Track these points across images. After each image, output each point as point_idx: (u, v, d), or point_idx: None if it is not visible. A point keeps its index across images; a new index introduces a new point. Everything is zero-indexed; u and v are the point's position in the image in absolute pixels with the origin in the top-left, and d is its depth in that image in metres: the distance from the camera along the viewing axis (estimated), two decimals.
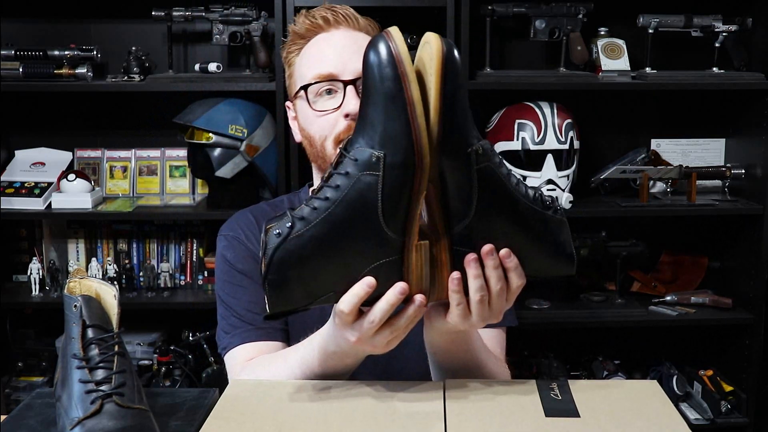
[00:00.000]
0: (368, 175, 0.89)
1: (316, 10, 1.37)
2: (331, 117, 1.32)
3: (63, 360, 0.96)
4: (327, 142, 1.33)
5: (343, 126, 1.31)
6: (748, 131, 2.56)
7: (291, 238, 0.90)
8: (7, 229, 2.62)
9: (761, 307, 2.47)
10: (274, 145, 2.42)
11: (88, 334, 0.94)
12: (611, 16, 2.57)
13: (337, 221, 0.90)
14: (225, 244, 1.42)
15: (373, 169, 0.88)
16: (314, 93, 1.33)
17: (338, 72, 1.31)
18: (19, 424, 1.00)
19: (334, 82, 1.31)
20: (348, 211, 0.89)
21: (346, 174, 0.89)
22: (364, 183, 0.89)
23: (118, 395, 0.90)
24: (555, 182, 2.34)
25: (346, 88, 1.30)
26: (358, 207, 0.89)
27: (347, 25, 1.36)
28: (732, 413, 2.50)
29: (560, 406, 0.99)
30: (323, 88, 1.32)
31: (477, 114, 2.47)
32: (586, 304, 2.55)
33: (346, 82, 1.30)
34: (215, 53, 2.62)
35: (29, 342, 2.64)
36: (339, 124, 1.31)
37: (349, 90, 1.30)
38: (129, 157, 2.66)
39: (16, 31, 2.58)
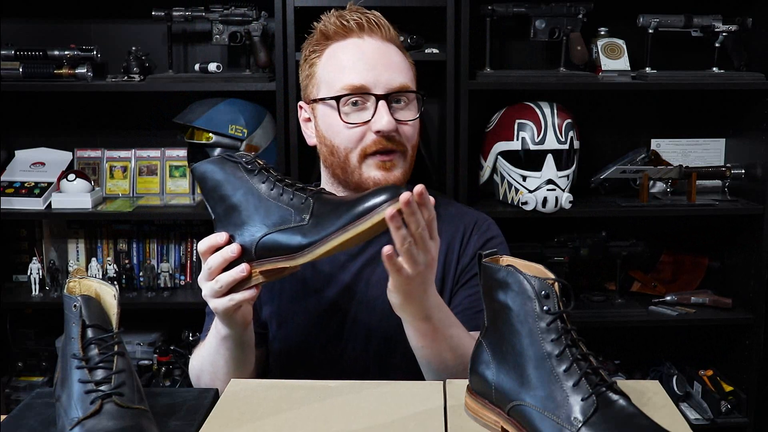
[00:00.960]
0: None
1: (348, 13, 1.34)
2: (359, 130, 1.31)
3: (63, 360, 0.96)
4: (352, 154, 1.32)
5: (370, 140, 1.30)
6: (748, 131, 2.56)
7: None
8: (7, 229, 2.62)
9: (761, 307, 2.47)
10: (274, 145, 2.42)
11: (88, 334, 0.94)
12: (611, 16, 2.57)
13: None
14: None
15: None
16: (342, 103, 1.31)
17: (370, 85, 1.29)
18: (19, 424, 1.00)
19: (365, 95, 1.30)
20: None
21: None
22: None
23: (118, 395, 0.90)
24: (555, 182, 2.34)
25: (378, 103, 1.29)
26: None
27: (379, 35, 1.33)
28: (732, 413, 2.50)
29: None
30: (351, 99, 1.31)
31: (477, 114, 2.47)
32: (586, 304, 2.55)
33: (378, 96, 1.29)
34: (215, 53, 2.62)
35: (29, 342, 2.63)
36: (367, 137, 1.31)
37: (381, 105, 1.29)
38: (129, 157, 2.66)
39: (16, 31, 2.58)
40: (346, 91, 1.30)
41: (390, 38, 1.35)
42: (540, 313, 0.89)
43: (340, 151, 1.33)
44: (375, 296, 1.39)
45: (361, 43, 1.33)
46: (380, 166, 1.32)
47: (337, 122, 1.31)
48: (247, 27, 2.44)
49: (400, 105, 1.33)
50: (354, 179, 1.34)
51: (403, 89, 1.33)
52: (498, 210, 2.41)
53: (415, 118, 1.35)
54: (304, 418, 0.99)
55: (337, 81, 1.31)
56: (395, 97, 1.32)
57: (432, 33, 2.48)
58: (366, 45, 1.33)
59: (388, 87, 1.30)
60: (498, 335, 0.94)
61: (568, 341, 0.88)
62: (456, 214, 1.48)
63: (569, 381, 0.86)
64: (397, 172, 1.33)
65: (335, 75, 1.32)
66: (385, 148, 1.31)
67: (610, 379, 0.88)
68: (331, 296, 1.39)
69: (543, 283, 0.89)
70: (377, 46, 1.33)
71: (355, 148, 1.32)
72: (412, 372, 1.36)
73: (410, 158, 1.36)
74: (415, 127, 1.36)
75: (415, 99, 1.36)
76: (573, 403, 0.85)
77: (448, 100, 2.36)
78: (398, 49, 1.37)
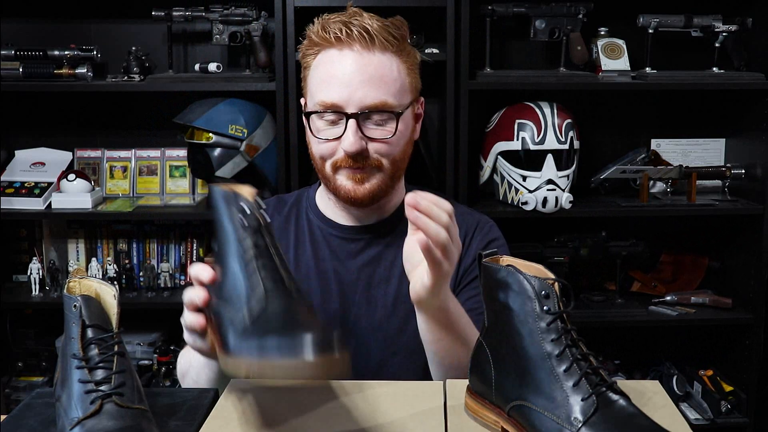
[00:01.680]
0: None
1: (332, 22, 1.31)
2: (330, 145, 1.32)
3: (63, 360, 0.96)
4: (326, 164, 1.35)
5: (340, 156, 1.32)
6: (748, 131, 2.56)
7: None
8: (7, 229, 2.62)
9: (761, 307, 2.47)
10: (274, 145, 2.42)
11: (88, 334, 0.93)
12: (611, 16, 2.57)
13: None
14: None
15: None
16: (317, 118, 1.33)
17: (342, 103, 1.29)
18: (19, 424, 1.00)
19: (338, 113, 1.30)
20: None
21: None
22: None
23: (118, 395, 0.90)
24: (555, 182, 2.34)
25: (347, 122, 1.29)
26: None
27: (359, 45, 1.29)
28: (732, 413, 2.50)
29: None
30: (327, 116, 1.31)
31: (477, 114, 2.47)
32: (586, 304, 2.55)
33: (348, 115, 1.29)
34: (215, 53, 2.62)
35: (29, 342, 2.63)
36: (338, 153, 1.32)
37: (350, 125, 1.29)
38: (129, 157, 2.66)
39: (16, 31, 2.58)
40: (320, 108, 1.31)
41: (376, 46, 1.30)
42: (540, 313, 0.89)
43: (317, 159, 1.36)
44: (376, 296, 1.40)
45: (339, 57, 1.30)
46: (351, 177, 1.33)
47: (312, 136, 1.35)
48: (247, 27, 2.44)
49: (375, 122, 1.31)
50: (330, 186, 1.37)
51: (378, 107, 1.29)
52: (498, 210, 2.41)
53: (389, 136, 1.31)
54: (304, 418, 0.99)
55: (315, 95, 1.33)
56: (369, 114, 1.30)
57: (432, 33, 2.49)
58: (343, 59, 1.30)
59: (360, 105, 1.28)
60: (498, 335, 0.95)
61: (568, 341, 0.88)
62: (457, 215, 1.48)
63: (569, 381, 0.86)
64: (369, 185, 1.33)
65: (314, 88, 1.33)
66: (356, 165, 1.31)
67: (610, 379, 0.88)
68: (333, 293, 1.40)
69: (543, 283, 0.89)
70: (355, 59, 1.29)
71: (329, 159, 1.34)
72: (413, 371, 1.36)
73: (389, 170, 1.34)
74: (392, 143, 1.32)
75: (394, 117, 1.31)
76: (573, 403, 0.85)
77: (448, 100, 2.36)
78: (389, 56, 1.32)
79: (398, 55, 1.33)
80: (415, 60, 1.39)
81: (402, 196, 1.43)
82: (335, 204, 1.42)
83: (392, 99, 1.31)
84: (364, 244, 1.41)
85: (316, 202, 1.47)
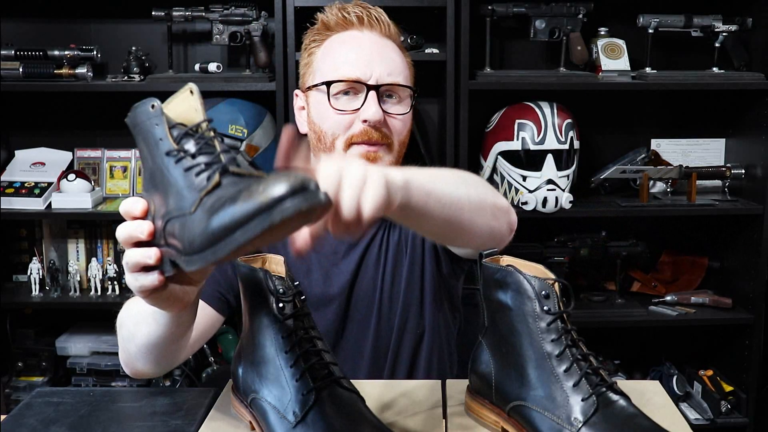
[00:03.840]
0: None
1: (351, 6, 1.37)
2: (347, 117, 1.33)
3: (149, 180, 0.86)
4: (338, 141, 1.34)
5: (358, 129, 1.32)
6: (748, 131, 2.56)
7: None
8: (7, 229, 2.62)
9: (761, 307, 2.47)
10: (274, 145, 2.42)
11: (175, 132, 0.86)
12: (611, 16, 2.57)
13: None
14: None
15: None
16: (335, 91, 1.33)
17: (364, 77, 1.32)
18: (19, 423, 1.00)
19: (358, 84, 1.32)
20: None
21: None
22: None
23: (234, 165, 0.81)
24: (555, 182, 2.34)
25: (368, 94, 1.31)
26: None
27: (379, 30, 1.36)
28: (732, 413, 2.50)
29: None
30: (344, 88, 1.33)
31: (477, 114, 2.47)
32: (586, 304, 2.55)
33: (369, 86, 1.31)
34: (215, 53, 2.62)
35: (29, 342, 2.63)
36: (354, 126, 1.33)
37: (371, 96, 1.31)
38: (129, 157, 2.66)
39: (16, 31, 2.58)
40: (342, 79, 1.32)
41: (389, 35, 1.37)
42: (540, 313, 0.89)
43: (327, 137, 1.35)
44: (374, 277, 1.40)
45: (360, 36, 1.35)
46: (364, 156, 1.33)
47: (327, 108, 1.33)
48: (247, 27, 2.44)
49: (392, 99, 1.35)
50: None
51: (396, 84, 1.35)
52: None
53: (405, 113, 1.36)
54: None
55: (332, 71, 1.34)
56: (387, 90, 1.34)
57: (432, 33, 2.49)
58: (364, 38, 1.35)
59: (380, 80, 1.32)
60: (498, 335, 0.95)
61: (568, 341, 0.88)
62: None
63: (569, 381, 0.86)
64: (381, 165, 1.33)
65: (331, 65, 1.35)
66: (371, 140, 1.32)
67: (610, 379, 0.88)
68: (334, 285, 1.40)
69: (543, 283, 0.89)
70: (375, 40, 1.35)
71: (342, 135, 1.33)
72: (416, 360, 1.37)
73: (396, 153, 1.37)
74: (404, 122, 1.37)
75: (408, 96, 1.37)
76: (573, 403, 0.85)
77: (448, 100, 2.36)
78: (397, 47, 1.38)
79: (401, 50, 1.40)
80: (411, 60, 1.44)
81: None
82: None
83: (405, 82, 1.37)
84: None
85: None
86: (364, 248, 1.41)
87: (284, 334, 0.92)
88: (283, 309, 0.93)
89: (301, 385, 0.89)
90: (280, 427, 0.89)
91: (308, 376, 0.90)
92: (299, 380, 0.90)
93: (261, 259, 1.01)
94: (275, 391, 0.91)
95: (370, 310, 1.40)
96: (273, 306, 0.93)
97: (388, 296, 1.39)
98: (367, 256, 1.41)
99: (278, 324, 0.93)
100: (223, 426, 0.99)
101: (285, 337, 0.92)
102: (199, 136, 0.85)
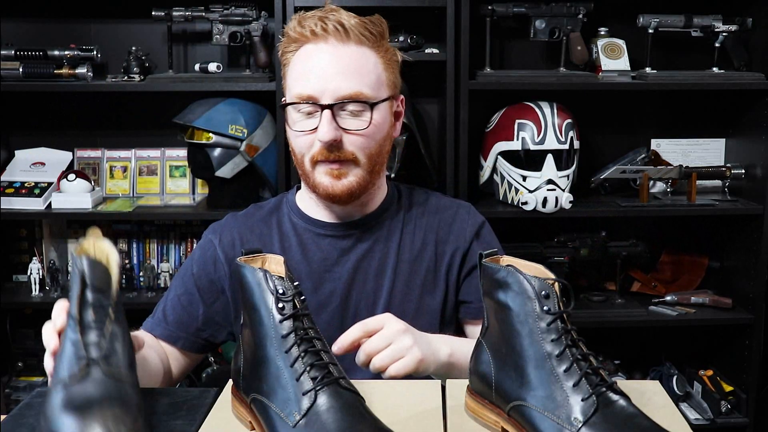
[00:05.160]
0: None
1: (308, 18, 1.33)
2: (308, 138, 1.33)
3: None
4: (305, 158, 1.35)
5: (317, 149, 1.33)
6: (748, 131, 2.56)
7: None
8: (7, 229, 2.62)
9: (761, 307, 2.47)
10: (274, 145, 2.42)
11: (87, 296, 0.92)
12: (611, 16, 2.57)
13: None
14: (201, 243, 1.49)
15: None
16: (294, 111, 1.34)
17: (317, 95, 1.30)
18: (19, 423, 1.00)
19: (314, 105, 1.31)
20: None
21: None
22: None
23: (105, 362, 0.89)
24: (555, 182, 2.34)
25: (322, 113, 1.30)
26: None
27: (335, 38, 1.31)
28: (732, 413, 2.50)
29: None
30: (303, 109, 1.32)
31: (477, 114, 2.47)
32: (586, 304, 2.55)
33: (323, 106, 1.30)
34: (215, 53, 2.62)
35: (29, 342, 2.63)
36: (314, 146, 1.33)
37: (325, 115, 1.30)
38: (129, 157, 2.66)
39: (16, 31, 2.58)
40: (296, 100, 1.32)
41: (351, 39, 1.31)
42: (540, 313, 0.89)
43: (297, 155, 1.37)
44: (374, 289, 1.41)
45: (314, 51, 1.32)
46: (329, 173, 1.34)
47: (290, 128, 1.36)
48: (247, 27, 2.44)
49: (350, 113, 1.32)
50: (309, 183, 1.38)
51: (353, 97, 1.30)
52: (498, 210, 2.41)
53: (363, 128, 1.32)
54: None
55: (291, 89, 1.34)
56: (343, 105, 1.31)
57: (432, 33, 2.49)
58: (318, 52, 1.31)
59: (335, 95, 1.30)
60: (498, 335, 0.94)
61: (568, 341, 0.88)
62: (437, 206, 1.51)
63: (569, 381, 0.86)
64: (347, 181, 1.34)
65: (291, 83, 1.35)
66: (329, 158, 1.32)
67: (610, 380, 0.88)
68: (329, 292, 1.40)
69: (543, 283, 0.89)
70: (330, 51, 1.31)
71: (307, 153, 1.34)
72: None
73: (366, 166, 1.35)
74: (367, 135, 1.33)
75: (368, 108, 1.32)
76: (573, 404, 0.85)
77: (448, 100, 2.36)
78: (364, 49, 1.33)
79: (375, 50, 1.35)
80: (394, 57, 1.40)
81: (385, 192, 1.46)
82: (317, 202, 1.43)
83: (367, 90, 1.32)
84: (354, 240, 1.43)
85: (298, 205, 1.47)
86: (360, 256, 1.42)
87: (284, 334, 0.92)
88: (282, 309, 0.93)
89: (301, 385, 0.89)
90: (280, 427, 0.89)
91: (308, 376, 0.90)
92: (299, 380, 0.90)
93: (261, 259, 1.02)
94: (275, 391, 0.91)
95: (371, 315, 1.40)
96: (273, 306, 0.93)
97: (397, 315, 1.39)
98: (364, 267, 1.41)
99: (278, 324, 0.93)
100: (223, 426, 0.99)
101: (285, 337, 0.92)
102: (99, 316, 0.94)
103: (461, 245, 1.44)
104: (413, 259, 1.42)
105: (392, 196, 1.48)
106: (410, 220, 1.46)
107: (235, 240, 1.44)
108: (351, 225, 1.43)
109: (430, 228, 1.45)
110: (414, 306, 1.41)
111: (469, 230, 1.46)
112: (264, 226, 1.46)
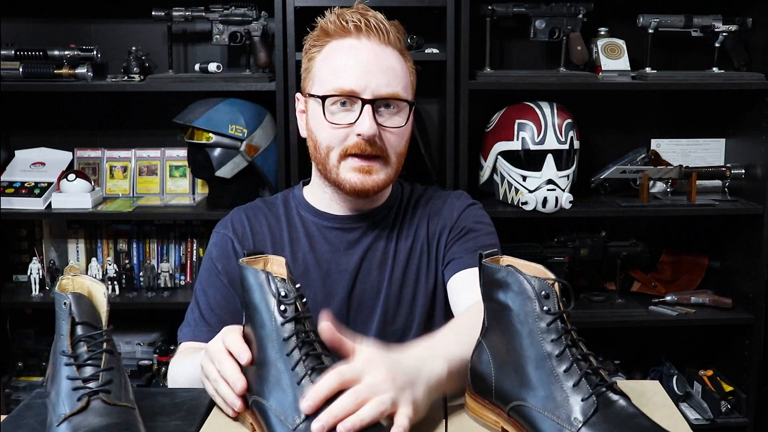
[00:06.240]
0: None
1: (350, 13, 1.35)
2: (342, 131, 1.33)
3: (53, 357, 0.96)
4: (332, 152, 1.34)
5: (352, 142, 1.32)
6: (748, 131, 2.56)
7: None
8: (7, 229, 2.62)
9: (761, 307, 2.47)
10: (274, 145, 2.42)
11: (77, 331, 0.93)
12: (611, 16, 2.57)
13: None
14: (214, 241, 1.46)
15: None
16: (330, 102, 1.33)
17: (360, 90, 1.31)
18: (19, 424, 1.00)
19: (353, 98, 1.31)
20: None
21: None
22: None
23: (105, 392, 0.90)
24: (555, 182, 2.34)
25: (363, 107, 1.31)
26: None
27: (377, 38, 1.34)
28: (732, 413, 2.50)
29: None
30: (340, 100, 1.32)
31: (477, 114, 2.47)
32: (586, 304, 2.55)
33: (365, 101, 1.31)
34: (215, 53, 2.62)
35: (29, 342, 2.63)
36: (349, 139, 1.33)
37: (366, 110, 1.31)
38: (129, 157, 2.66)
39: (16, 31, 2.58)
40: (335, 93, 1.32)
41: (390, 42, 1.35)
42: (540, 313, 0.89)
43: (322, 148, 1.36)
44: (377, 279, 1.42)
45: (357, 46, 1.34)
46: (358, 170, 1.34)
47: (323, 120, 1.34)
48: (247, 27, 2.44)
49: (388, 111, 1.35)
50: (332, 177, 1.37)
51: (393, 97, 1.34)
52: (498, 210, 2.41)
53: (400, 126, 1.35)
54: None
55: (329, 81, 1.33)
56: (383, 102, 1.33)
57: (432, 33, 2.49)
58: (362, 47, 1.33)
59: (376, 93, 1.31)
60: (498, 335, 0.94)
61: (568, 341, 0.88)
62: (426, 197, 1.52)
63: (569, 381, 0.86)
64: (376, 178, 1.35)
65: (328, 75, 1.34)
66: (365, 152, 1.33)
67: (610, 379, 0.88)
68: (336, 283, 1.41)
69: (543, 283, 0.89)
70: (373, 49, 1.33)
71: (337, 147, 1.34)
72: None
73: (394, 164, 1.38)
74: (400, 134, 1.36)
75: (405, 107, 1.36)
76: (573, 403, 0.85)
77: (448, 100, 2.36)
78: (398, 54, 1.37)
79: (402, 55, 1.39)
80: (413, 64, 1.43)
81: (391, 187, 1.49)
82: (331, 196, 1.43)
83: (403, 92, 1.36)
84: (361, 233, 1.44)
85: (306, 198, 1.48)
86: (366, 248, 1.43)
87: (285, 337, 0.92)
88: (284, 312, 0.93)
89: (301, 389, 0.89)
90: (281, 429, 0.88)
91: (309, 380, 0.89)
92: (300, 384, 0.89)
93: (263, 260, 1.01)
94: (276, 394, 0.91)
95: (372, 311, 1.41)
96: (274, 308, 0.93)
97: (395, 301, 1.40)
98: (369, 258, 1.42)
99: (279, 327, 0.93)
100: (223, 426, 0.99)
101: (286, 340, 0.92)
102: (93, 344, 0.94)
103: (449, 223, 1.46)
104: (409, 246, 1.44)
105: (397, 191, 1.50)
106: (408, 211, 1.48)
107: (247, 231, 1.44)
108: (358, 218, 1.44)
109: (423, 215, 1.47)
110: (411, 291, 1.42)
111: (458, 209, 1.47)
112: (273, 218, 1.47)
